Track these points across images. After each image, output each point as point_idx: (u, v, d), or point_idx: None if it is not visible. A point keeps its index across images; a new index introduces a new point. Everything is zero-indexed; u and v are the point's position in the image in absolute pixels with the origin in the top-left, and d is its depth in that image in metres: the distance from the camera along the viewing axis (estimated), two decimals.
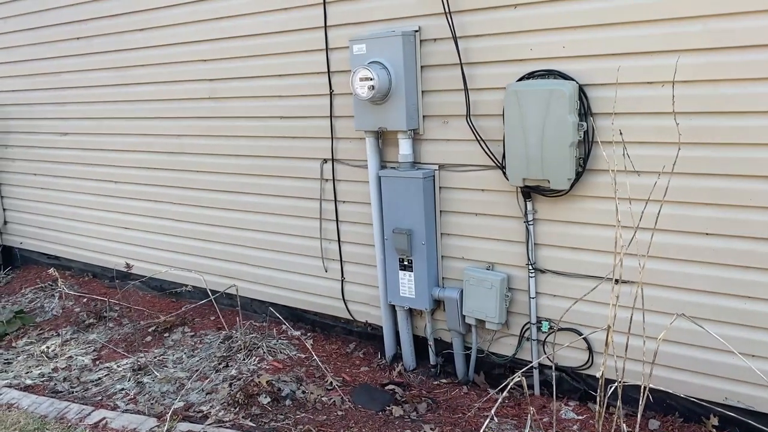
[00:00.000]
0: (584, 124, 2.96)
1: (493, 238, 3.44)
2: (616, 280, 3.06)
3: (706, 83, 2.70)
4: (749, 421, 2.81)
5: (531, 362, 3.41)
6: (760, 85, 2.59)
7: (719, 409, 2.84)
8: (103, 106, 5.11)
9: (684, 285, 2.93)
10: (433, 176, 3.56)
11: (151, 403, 3.61)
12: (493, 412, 1.99)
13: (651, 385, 2.44)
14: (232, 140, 4.39)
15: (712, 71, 2.67)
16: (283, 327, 4.33)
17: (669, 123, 2.76)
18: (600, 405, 2.20)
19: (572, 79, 2.97)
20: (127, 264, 5.04)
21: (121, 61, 4.87)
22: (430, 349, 3.80)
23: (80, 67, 5.17)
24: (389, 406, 3.40)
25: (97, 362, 4.22)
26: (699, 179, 2.80)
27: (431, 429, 3.16)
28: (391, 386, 3.64)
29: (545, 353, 3.39)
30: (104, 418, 3.43)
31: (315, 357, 3.90)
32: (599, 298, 3.06)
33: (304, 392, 3.57)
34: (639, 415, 2.43)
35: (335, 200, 4.00)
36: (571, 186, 3.05)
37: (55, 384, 3.94)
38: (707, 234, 2.82)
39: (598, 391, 2.22)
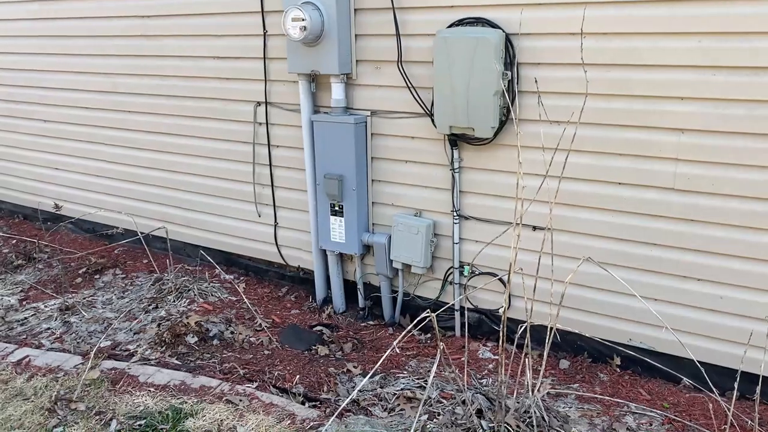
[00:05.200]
0: (509, 73, 3.01)
1: (421, 185, 3.50)
2: (534, 228, 3.17)
3: (620, 36, 2.77)
4: (650, 361, 2.99)
5: (454, 305, 3.53)
6: (669, 40, 2.68)
7: (623, 350, 3.02)
8: (27, 41, 4.89)
9: (596, 232, 3.06)
10: (365, 122, 3.57)
11: (78, 342, 3.60)
12: (395, 343, 2.07)
13: (558, 326, 2.57)
14: (166, 80, 4.29)
15: (626, 24, 2.74)
16: (216, 271, 4.34)
17: (588, 74, 2.83)
18: (502, 343, 2.32)
19: (499, 28, 3.00)
20: (56, 205, 4.93)
21: None
22: (359, 292, 3.89)
23: None
24: (315, 346, 3.49)
25: (24, 303, 4.16)
26: (614, 130, 2.89)
27: (354, 367, 3.26)
28: (319, 327, 3.72)
29: (467, 296, 3.51)
30: (27, 356, 3.41)
31: (245, 299, 3.94)
32: (518, 244, 3.18)
33: (232, 333, 3.62)
34: (545, 353, 2.56)
35: (269, 144, 3.98)
36: (495, 134, 3.11)
37: None
38: (620, 183, 2.94)
39: (501, 328, 2.33)
